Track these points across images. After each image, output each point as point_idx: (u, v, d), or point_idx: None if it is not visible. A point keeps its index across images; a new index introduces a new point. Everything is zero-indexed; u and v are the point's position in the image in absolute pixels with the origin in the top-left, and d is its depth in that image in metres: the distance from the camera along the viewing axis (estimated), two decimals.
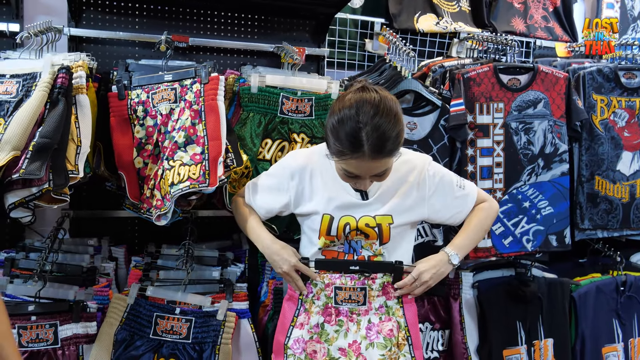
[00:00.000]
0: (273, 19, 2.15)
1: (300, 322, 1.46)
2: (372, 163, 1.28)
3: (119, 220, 2.02)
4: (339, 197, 1.44)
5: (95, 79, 1.71)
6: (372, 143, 1.24)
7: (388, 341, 1.43)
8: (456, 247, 1.50)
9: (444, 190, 1.50)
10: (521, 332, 2.14)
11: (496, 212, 1.61)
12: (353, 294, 1.44)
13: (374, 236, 1.45)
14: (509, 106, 2.03)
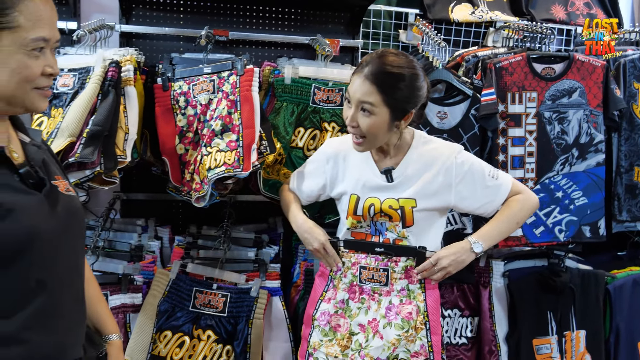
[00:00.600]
0: (309, 12, 2.23)
1: (328, 297, 1.54)
2: (363, 84, 1.37)
3: (165, 203, 2.17)
4: (366, 178, 1.52)
5: (143, 72, 1.85)
6: (373, 66, 1.37)
7: (406, 323, 1.46)
8: (481, 236, 1.49)
9: (473, 178, 1.49)
10: (552, 323, 2.14)
11: (533, 205, 1.55)
12: (376, 274, 1.49)
13: (397, 218, 1.48)
14: (542, 95, 2.02)
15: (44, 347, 0.93)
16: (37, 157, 1.01)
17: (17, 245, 0.89)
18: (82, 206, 1.08)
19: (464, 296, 2.13)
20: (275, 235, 2.12)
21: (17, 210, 0.89)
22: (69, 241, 1.01)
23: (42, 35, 0.92)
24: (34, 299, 0.92)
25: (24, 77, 0.92)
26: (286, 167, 1.87)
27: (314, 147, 1.88)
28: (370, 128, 1.40)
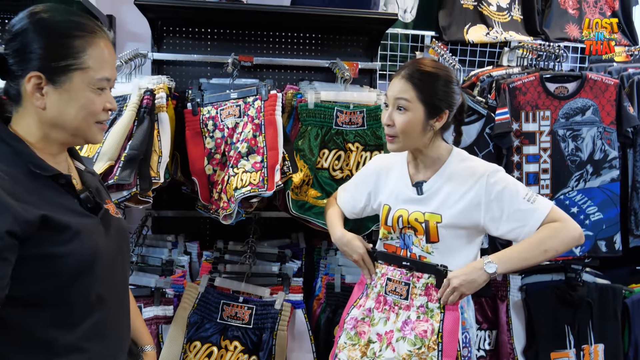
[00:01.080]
0: (329, 36, 2.34)
1: (360, 304, 1.58)
2: (399, 82, 1.43)
3: (193, 220, 2.29)
4: (400, 190, 1.55)
5: (173, 97, 1.98)
6: (408, 67, 1.45)
7: (418, 340, 1.44)
8: (498, 257, 1.40)
9: (505, 199, 1.42)
10: (570, 336, 2.17)
11: (572, 236, 1.40)
12: (398, 287, 1.50)
13: (421, 232, 1.47)
14: (555, 114, 2.08)
15: (100, 356, 1.03)
16: (92, 183, 1.12)
17: (83, 264, 0.98)
18: (126, 227, 1.18)
19: (482, 309, 2.17)
20: (297, 250, 2.21)
21: (82, 232, 0.98)
22: (120, 260, 1.11)
23: (106, 75, 1.02)
24: (94, 312, 1.01)
25: (89, 112, 1.02)
26: (313, 188, 1.95)
27: (339, 167, 1.97)
28: (405, 125, 1.42)
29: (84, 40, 0.99)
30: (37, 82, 0.96)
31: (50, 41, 0.97)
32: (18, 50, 0.96)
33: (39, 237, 0.92)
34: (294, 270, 2.04)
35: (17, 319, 0.92)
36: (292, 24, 2.26)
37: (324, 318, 1.97)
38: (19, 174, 0.94)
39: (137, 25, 2.27)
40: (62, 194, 1.00)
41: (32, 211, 0.90)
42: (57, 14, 1.00)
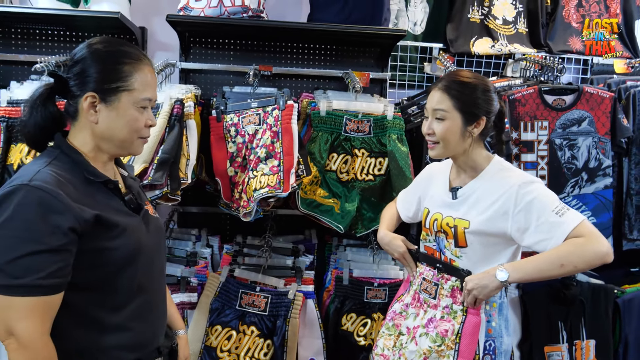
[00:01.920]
0: (343, 48, 2.51)
1: (402, 299, 1.70)
2: (436, 94, 1.51)
3: (215, 216, 2.49)
4: (439, 194, 1.64)
5: (199, 104, 2.18)
6: (446, 79, 1.53)
7: (439, 338, 1.51)
8: (512, 266, 1.43)
9: (533, 211, 1.42)
10: (562, 332, 2.32)
11: (595, 253, 1.35)
12: (429, 287, 1.59)
13: (451, 236, 1.53)
14: (553, 124, 2.23)
15: (143, 334, 1.21)
16: (134, 187, 1.31)
17: (128, 257, 1.15)
18: (163, 225, 1.37)
19: None
20: (310, 246, 2.40)
21: (127, 230, 1.15)
22: (158, 253, 1.29)
23: (148, 96, 1.20)
24: (136, 297, 1.18)
25: (134, 128, 1.19)
26: (321, 188, 2.14)
27: (345, 170, 2.15)
28: (444, 133, 1.49)
29: (131, 66, 1.17)
30: (92, 101, 1.14)
31: (104, 67, 1.15)
32: (78, 74, 1.15)
33: (93, 233, 1.09)
34: (307, 264, 2.23)
35: (74, 301, 1.10)
36: (309, 36, 2.44)
37: (333, 308, 2.16)
38: (77, 180, 1.12)
39: (167, 36, 2.48)
40: (111, 196, 1.19)
41: (88, 211, 1.08)
42: (110, 44, 1.19)
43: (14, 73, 2.36)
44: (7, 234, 1.01)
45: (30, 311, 1.01)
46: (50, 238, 1.02)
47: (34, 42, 2.39)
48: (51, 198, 1.03)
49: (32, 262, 1.01)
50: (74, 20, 2.26)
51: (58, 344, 1.06)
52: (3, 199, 1.03)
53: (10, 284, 1.00)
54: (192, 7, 2.16)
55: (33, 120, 1.16)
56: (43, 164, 1.10)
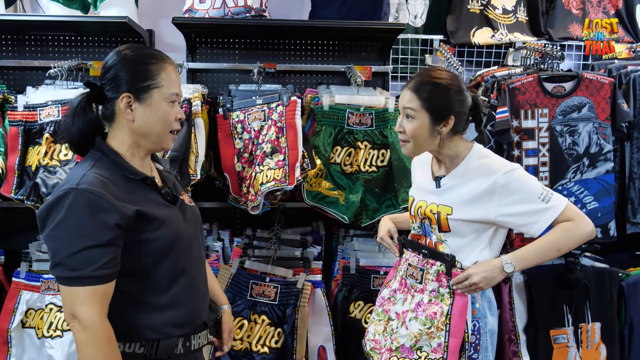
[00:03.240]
0: (345, 43, 2.56)
1: (389, 285, 1.75)
2: (407, 93, 1.55)
3: (225, 210, 2.56)
4: (423, 183, 1.69)
5: (207, 103, 2.26)
6: (416, 78, 1.56)
7: (428, 320, 1.56)
8: (515, 257, 1.50)
9: (518, 197, 1.49)
10: (568, 315, 2.36)
11: (584, 234, 1.50)
12: (415, 272, 1.63)
13: (434, 222, 1.58)
14: (553, 111, 2.26)
15: (188, 312, 1.32)
16: (170, 180, 1.42)
17: (169, 244, 1.27)
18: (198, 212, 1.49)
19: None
20: (318, 237, 2.47)
21: (166, 221, 1.27)
22: (196, 238, 1.40)
23: (175, 91, 1.31)
24: (179, 280, 1.30)
25: (167, 121, 1.30)
26: (326, 180, 2.20)
27: (349, 163, 2.21)
28: (413, 132, 1.54)
29: (157, 66, 1.29)
30: (127, 101, 1.26)
31: (134, 69, 1.27)
32: (111, 79, 1.27)
33: (136, 227, 1.21)
34: (315, 255, 2.30)
35: (125, 286, 1.22)
36: (312, 32, 2.50)
37: (341, 296, 2.23)
38: (118, 179, 1.24)
39: (174, 38, 2.55)
40: (149, 191, 1.30)
41: (130, 207, 1.19)
42: (136, 49, 1.31)
43: (29, 78, 2.46)
44: (64, 233, 1.14)
45: (89, 298, 1.14)
46: (100, 234, 1.14)
47: (47, 48, 2.49)
48: (97, 198, 1.15)
49: (87, 256, 1.14)
50: (84, 25, 2.35)
51: (114, 325, 1.19)
52: (55, 202, 1.15)
53: (71, 276, 1.14)
54: (196, 8, 2.23)
55: (75, 127, 1.27)
56: (87, 167, 1.22)
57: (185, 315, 1.32)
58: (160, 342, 1.26)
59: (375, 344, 1.69)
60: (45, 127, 2.05)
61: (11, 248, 2.35)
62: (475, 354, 1.57)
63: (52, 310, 2.09)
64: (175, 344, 1.29)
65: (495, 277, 1.50)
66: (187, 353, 1.32)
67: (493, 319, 1.64)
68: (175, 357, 1.29)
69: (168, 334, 1.28)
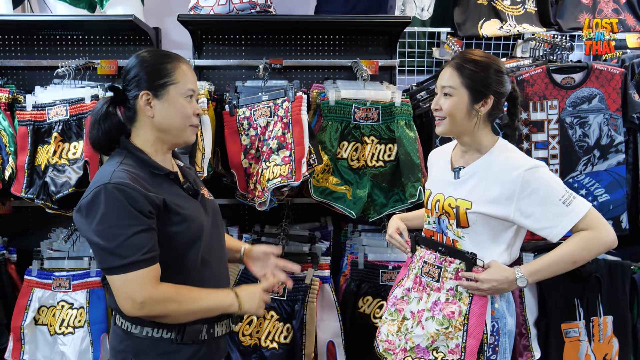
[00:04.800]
0: (351, 37, 2.55)
1: (402, 284, 1.70)
2: (447, 71, 1.53)
3: (234, 207, 2.57)
4: (441, 174, 1.65)
5: (213, 99, 2.26)
6: (457, 57, 1.55)
7: (446, 320, 1.52)
8: (530, 272, 1.47)
9: (538, 198, 1.43)
10: (579, 309, 2.34)
11: (603, 245, 1.43)
12: (431, 270, 1.58)
13: (453, 217, 1.53)
14: (563, 103, 2.23)
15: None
16: (190, 176, 1.51)
17: (194, 236, 1.35)
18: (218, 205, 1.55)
19: None
20: (326, 233, 2.47)
21: (190, 214, 1.35)
22: (216, 231, 1.48)
23: (191, 87, 1.39)
24: (202, 269, 1.38)
25: (185, 115, 1.38)
26: (333, 176, 2.20)
27: (356, 158, 2.21)
28: (451, 109, 1.51)
29: (172, 64, 1.37)
30: (147, 98, 1.35)
31: (151, 69, 1.35)
32: (131, 80, 1.36)
33: (164, 217, 1.30)
34: (323, 250, 2.30)
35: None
36: (318, 27, 2.49)
37: (350, 291, 2.23)
38: (144, 174, 1.33)
39: (180, 35, 2.56)
40: (173, 185, 1.38)
41: (158, 197, 1.29)
42: (152, 51, 1.41)
43: (38, 78, 2.48)
44: (108, 225, 1.23)
45: (144, 280, 1.24)
46: (140, 221, 1.24)
47: (55, 48, 2.50)
48: (130, 190, 1.24)
49: (135, 242, 1.23)
50: (91, 24, 2.37)
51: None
52: (93, 200, 1.24)
53: (124, 263, 1.23)
54: (202, 5, 2.23)
55: (102, 129, 1.37)
56: (116, 164, 1.31)
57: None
58: (186, 328, 1.34)
59: (389, 345, 1.65)
60: (54, 126, 2.07)
61: (23, 246, 2.38)
62: (493, 355, 1.54)
63: (64, 308, 2.12)
64: (200, 330, 1.36)
65: (504, 289, 1.48)
66: (211, 339, 1.41)
67: (512, 319, 1.60)
68: (200, 342, 1.37)
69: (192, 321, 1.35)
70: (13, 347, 2.11)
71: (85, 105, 2.06)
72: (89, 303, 2.10)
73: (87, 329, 2.08)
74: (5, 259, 2.28)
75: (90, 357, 2.08)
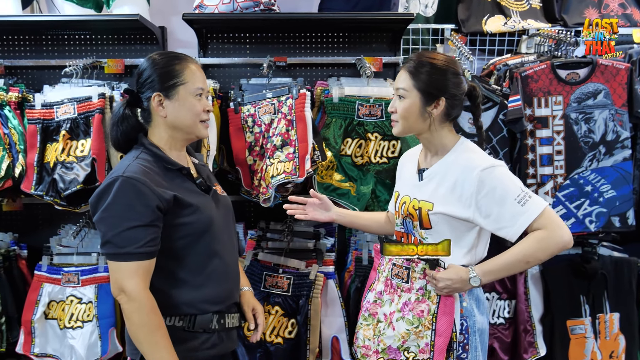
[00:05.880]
0: (355, 34, 2.55)
1: (373, 288, 1.72)
2: (402, 73, 1.56)
3: (239, 203, 2.59)
4: (408, 176, 1.68)
5: (218, 97, 2.29)
6: (411, 59, 1.57)
7: (416, 319, 1.54)
8: (483, 272, 1.48)
9: (494, 198, 1.45)
10: (585, 306, 2.33)
11: (557, 246, 1.43)
12: (400, 271, 1.60)
13: (416, 218, 1.56)
14: (567, 98, 2.22)
15: (221, 291, 1.48)
16: (204, 172, 1.60)
17: (203, 229, 1.42)
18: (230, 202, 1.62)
19: (502, 281, 2.36)
20: (331, 229, 2.48)
21: (201, 208, 1.42)
22: (227, 225, 1.55)
23: (200, 85, 1.47)
24: (212, 261, 1.45)
25: (194, 112, 1.45)
26: (337, 172, 2.21)
27: (360, 154, 2.22)
28: (404, 111, 1.54)
29: (181, 65, 1.45)
30: (159, 99, 1.44)
31: (161, 71, 1.44)
32: (144, 82, 1.46)
33: (174, 211, 1.36)
34: (328, 246, 2.32)
35: (166, 265, 1.39)
36: (322, 24, 2.50)
37: (354, 287, 2.24)
38: (158, 169, 1.40)
39: (186, 34, 2.58)
40: (186, 181, 1.46)
41: (168, 192, 1.35)
42: (163, 54, 1.50)
43: (47, 77, 2.52)
44: (112, 215, 1.30)
45: (133, 272, 1.30)
46: (143, 215, 1.30)
47: (64, 47, 2.54)
48: (141, 185, 1.31)
49: (132, 235, 1.29)
50: (97, 24, 2.40)
51: (157, 301, 1.34)
52: (105, 188, 1.32)
53: (118, 252, 1.30)
54: (206, 4, 2.26)
55: (120, 130, 1.47)
56: (132, 159, 1.40)
57: (218, 293, 1.46)
58: (197, 317, 1.41)
59: (366, 350, 1.66)
60: (62, 124, 2.10)
61: (34, 242, 2.43)
62: (463, 353, 1.54)
63: (73, 302, 2.16)
64: (211, 320, 1.43)
65: (459, 288, 1.50)
66: (222, 329, 1.47)
67: (482, 317, 1.60)
68: (211, 331, 1.44)
69: (203, 310, 1.42)
70: (24, 341, 2.15)
71: (93, 103, 2.09)
72: (97, 298, 2.14)
73: (96, 323, 2.12)
74: (16, 255, 2.33)
75: (98, 351, 2.11)
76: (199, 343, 1.42)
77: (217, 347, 1.46)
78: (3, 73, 2.45)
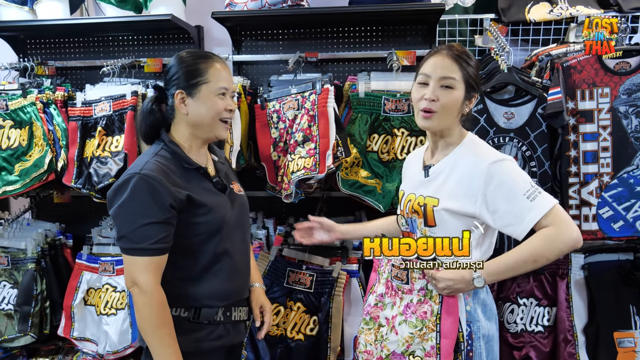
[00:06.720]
0: (387, 28, 2.49)
1: (374, 290, 1.67)
2: (445, 61, 1.44)
3: (271, 199, 2.59)
4: (413, 173, 1.64)
5: (248, 94, 2.31)
6: (450, 48, 1.48)
7: (419, 322, 1.48)
8: (487, 272, 1.41)
9: (503, 194, 1.39)
10: (635, 317, 2.14)
11: (566, 244, 1.36)
12: (399, 273, 1.55)
13: (421, 215, 1.50)
14: (616, 90, 2.04)
15: (229, 288, 1.50)
16: (222, 170, 1.60)
17: (215, 228, 1.44)
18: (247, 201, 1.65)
19: (541, 286, 2.22)
20: None
21: (214, 208, 1.44)
22: (240, 225, 1.57)
23: (223, 85, 1.48)
24: (222, 259, 1.47)
25: (215, 112, 1.47)
26: (363, 169, 2.17)
27: (386, 150, 2.16)
28: (450, 102, 1.44)
29: (206, 64, 1.48)
30: (181, 97, 1.47)
31: (186, 69, 1.47)
32: (169, 79, 1.49)
33: (187, 210, 1.39)
34: (355, 244, 2.28)
35: (177, 261, 1.42)
36: (354, 18, 2.45)
37: None
38: (176, 168, 1.43)
39: (221, 32, 2.62)
40: (202, 180, 1.49)
41: (182, 192, 1.38)
42: (191, 52, 1.52)
43: (92, 77, 2.66)
44: (127, 211, 1.34)
45: (146, 267, 1.34)
46: (157, 213, 1.33)
47: (108, 48, 2.68)
48: (156, 183, 1.34)
49: (146, 232, 1.33)
50: (136, 25, 2.50)
51: (166, 292, 1.37)
52: (122, 185, 1.36)
53: (133, 247, 1.34)
54: (236, 2, 2.29)
55: (146, 123, 1.51)
56: (150, 156, 1.43)
57: (225, 291, 1.49)
58: (202, 310, 1.45)
59: (368, 355, 1.61)
60: (99, 121, 2.22)
61: (79, 233, 2.58)
62: None
63: (108, 290, 2.27)
64: (216, 312, 1.47)
65: (462, 289, 1.43)
66: (228, 322, 1.50)
67: (489, 323, 1.51)
68: (216, 323, 1.47)
69: (209, 305, 1.46)
70: (65, 325, 2.30)
71: (126, 101, 2.18)
72: None
73: (128, 312, 2.22)
74: (62, 244, 2.49)
75: (129, 338, 2.21)
76: (205, 334, 1.45)
77: (222, 339, 1.48)
78: (54, 73, 2.61)
